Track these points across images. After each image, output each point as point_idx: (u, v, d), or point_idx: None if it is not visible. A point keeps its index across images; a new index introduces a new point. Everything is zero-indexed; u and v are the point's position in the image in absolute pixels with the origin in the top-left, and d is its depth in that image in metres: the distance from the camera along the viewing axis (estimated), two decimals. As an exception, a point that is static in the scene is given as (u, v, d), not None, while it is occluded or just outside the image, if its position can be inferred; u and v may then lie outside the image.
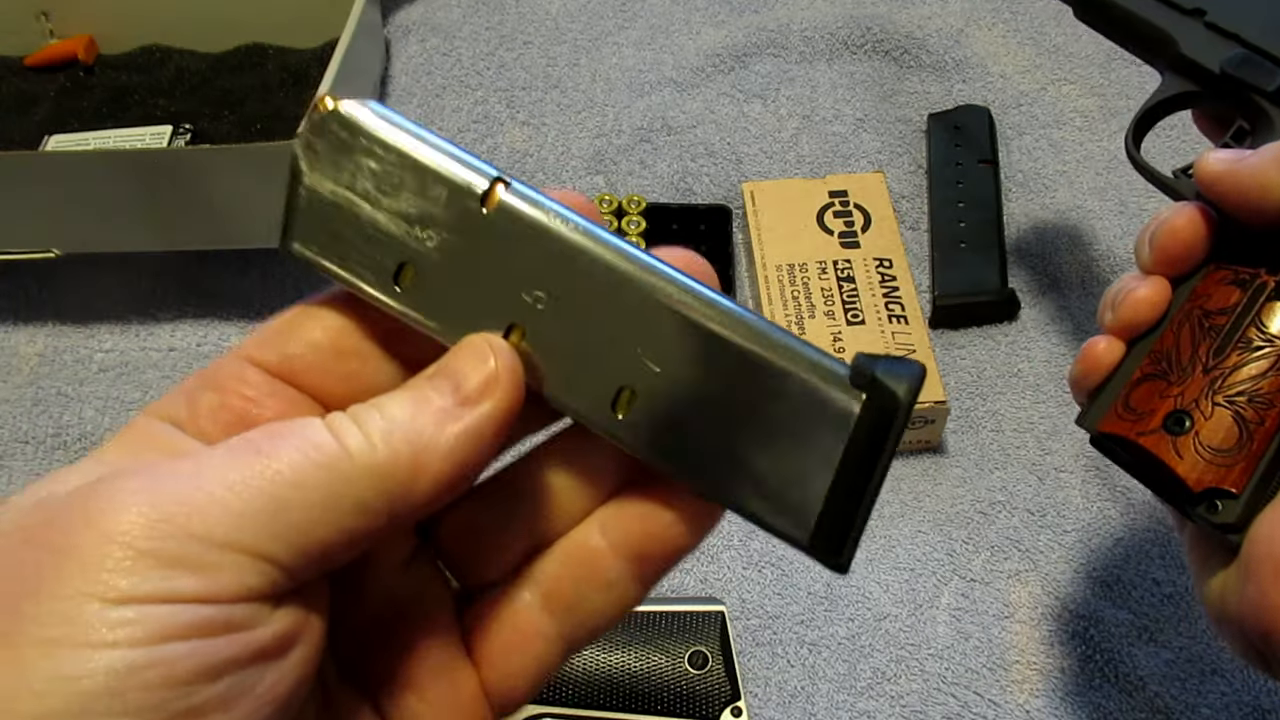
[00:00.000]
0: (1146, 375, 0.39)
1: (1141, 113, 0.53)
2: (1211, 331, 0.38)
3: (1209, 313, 0.38)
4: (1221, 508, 0.36)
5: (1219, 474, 0.36)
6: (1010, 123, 0.74)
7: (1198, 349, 0.38)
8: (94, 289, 0.67)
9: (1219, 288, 0.38)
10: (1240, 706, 0.51)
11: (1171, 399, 0.37)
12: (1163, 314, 0.39)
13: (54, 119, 0.76)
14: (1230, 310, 0.38)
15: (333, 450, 0.23)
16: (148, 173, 0.59)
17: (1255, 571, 0.34)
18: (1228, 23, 0.49)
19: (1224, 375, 0.37)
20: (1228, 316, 0.38)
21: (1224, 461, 0.36)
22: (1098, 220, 0.69)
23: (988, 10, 0.81)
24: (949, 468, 0.60)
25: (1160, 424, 0.37)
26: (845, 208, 0.67)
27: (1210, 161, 0.38)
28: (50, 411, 0.62)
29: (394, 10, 0.82)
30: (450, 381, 0.25)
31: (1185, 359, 0.38)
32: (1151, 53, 0.53)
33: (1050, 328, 0.65)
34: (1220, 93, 0.49)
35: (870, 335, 0.60)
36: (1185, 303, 0.39)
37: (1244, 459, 0.36)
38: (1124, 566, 0.55)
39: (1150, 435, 0.37)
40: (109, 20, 0.79)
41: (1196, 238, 0.39)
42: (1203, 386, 0.37)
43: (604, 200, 0.67)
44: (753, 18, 0.81)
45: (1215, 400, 0.37)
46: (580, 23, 0.82)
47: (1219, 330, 0.38)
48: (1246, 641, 0.35)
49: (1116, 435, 0.38)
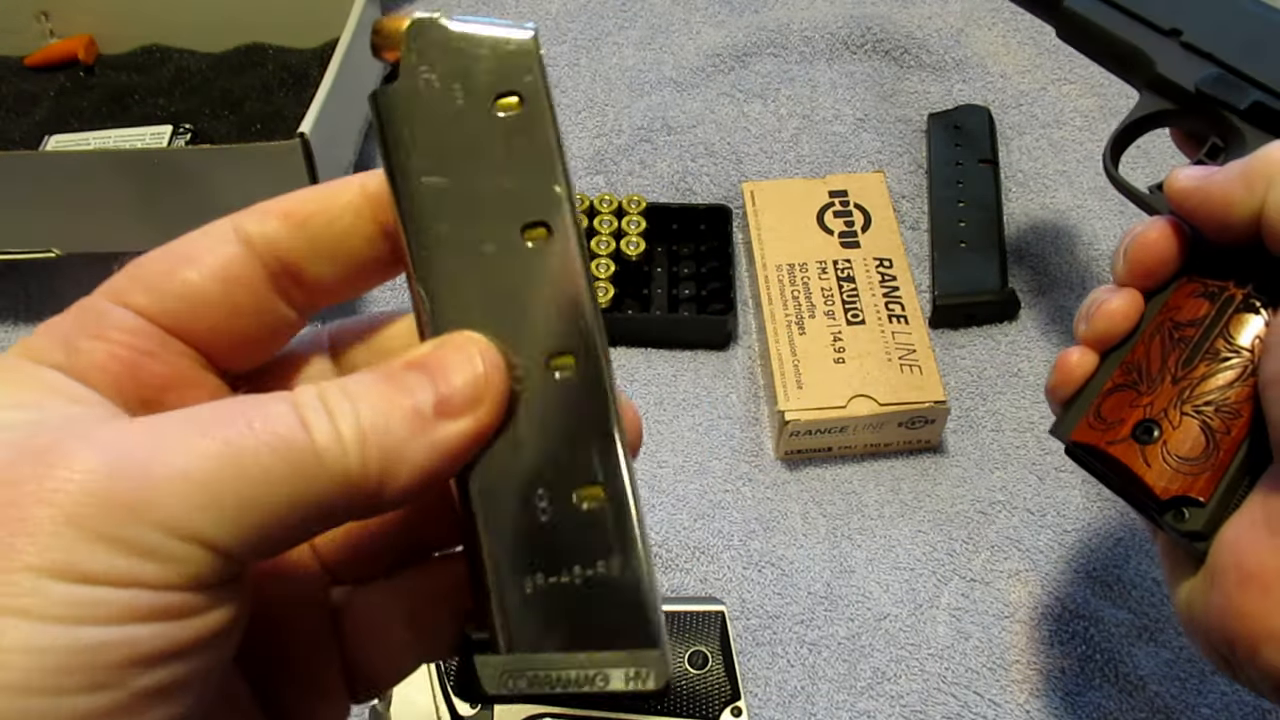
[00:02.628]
0: (1118, 385, 0.39)
1: (1119, 131, 0.54)
2: (1181, 343, 0.39)
3: (1179, 324, 0.39)
4: (1189, 515, 0.36)
5: (1186, 482, 0.36)
6: (1010, 123, 0.74)
7: (1167, 360, 0.39)
8: (94, 289, 0.67)
9: (1189, 300, 0.39)
10: (1240, 706, 0.51)
11: (1141, 409, 0.38)
12: (1135, 325, 0.40)
13: (54, 119, 0.76)
14: (1199, 322, 0.38)
15: (302, 446, 0.22)
16: (148, 173, 0.59)
17: (1220, 579, 0.35)
18: (1203, 43, 0.51)
19: (1192, 385, 0.38)
20: (1197, 328, 0.38)
21: (1191, 470, 0.37)
22: (1098, 220, 0.69)
23: (988, 10, 0.81)
24: (949, 468, 0.60)
25: (1129, 433, 0.38)
26: (845, 208, 0.67)
27: (1180, 178, 0.39)
28: (50, 411, 0.62)
29: (394, 10, 0.82)
30: (432, 379, 0.24)
31: (1155, 370, 0.39)
32: (1130, 72, 0.54)
33: (1050, 328, 0.65)
34: (1195, 111, 0.51)
35: (870, 335, 0.60)
36: (1156, 315, 0.40)
37: (1210, 468, 0.36)
38: (1124, 566, 0.55)
39: (1119, 444, 0.38)
40: (109, 20, 0.79)
41: (1168, 251, 0.40)
42: (1171, 397, 0.38)
43: (604, 200, 0.67)
44: (753, 18, 0.81)
45: (1184, 410, 0.37)
46: (580, 23, 0.82)
47: (1188, 341, 0.38)
48: (1212, 647, 0.36)
49: (1087, 444, 0.39)
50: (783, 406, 0.58)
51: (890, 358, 0.59)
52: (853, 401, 0.58)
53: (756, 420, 0.62)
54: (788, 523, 0.58)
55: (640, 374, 0.63)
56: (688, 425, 0.61)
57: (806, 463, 0.60)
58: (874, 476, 0.59)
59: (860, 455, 0.60)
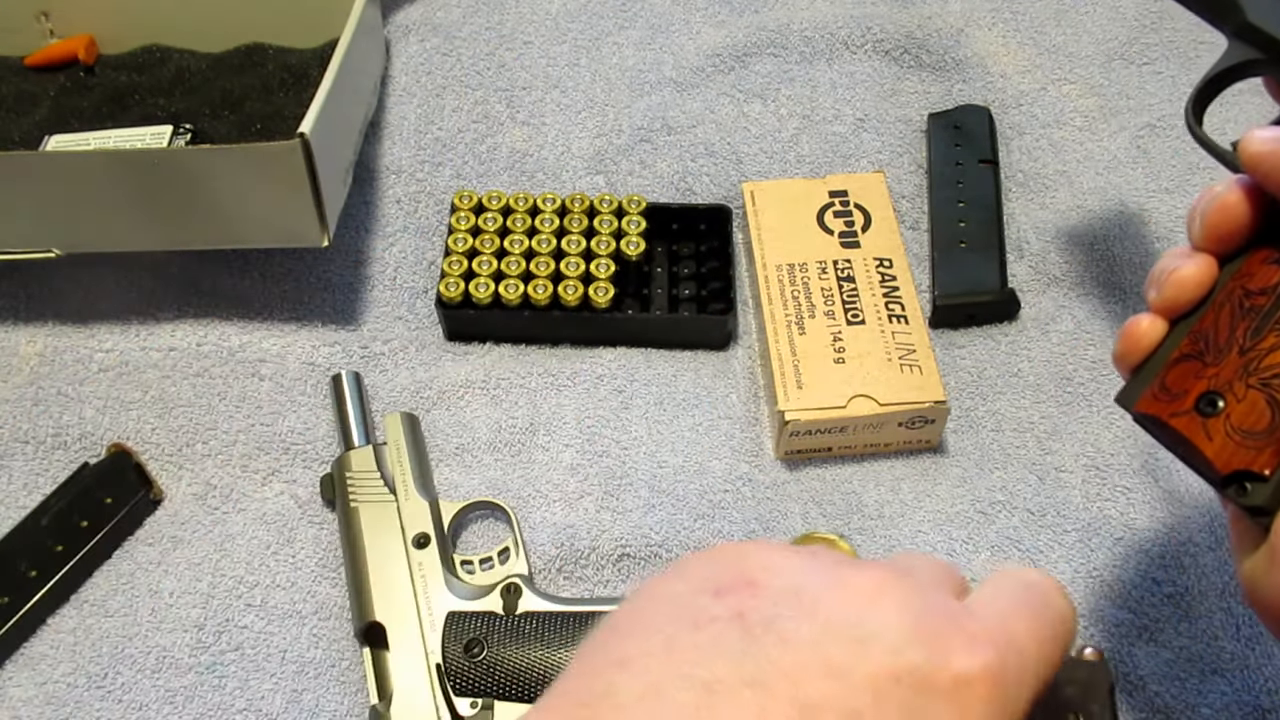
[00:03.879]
0: (1185, 355, 0.38)
1: (1203, 82, 0.51)
2: (1251, 312, 0.37)
3: (1250, 292, 0.37)
4: (1251, 490, 0.35)
5: (1248, 456, 0.36)
6: (1010, 123, 0.74)
7: (1236, 330, 0.37)
8: (94, 289, 0.68)
9: (1262, 267, 0.38)
10: (1240, 706, 0.51)
11: (1206, 380, 0.37)
12: (1207, 293, 0.38)
13: (54, 119, 0.76)
14: (1271, 290, 0.37)
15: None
16: (148, 173, 0.59)
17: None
18: None
19: (1260, 357, 0.36)
20: (1268, 297, 0.37)
21: (1254, 444, 0.36)
22: (1098, 220, 0.69)
23: (988, 10, 0.81)
24: (949, 468, 0.60)
25: (1192, 405, 0.37)
26: (845, 208, 0.67)
27: (1254, 141, 0.37)
28: (50, 411, 0.62)
29: (394, 10, 0.82)
30: None
31: (1223, 340, 0.37)
32: (1218, 17, 0.51)
33: (1050, 328, 0.65)
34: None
35: (870, 335, 0.60)
36: (1229, 281, 0.38)
37: (1275, 442, 0.35)
38: (1124, 566, 0.55)
39: (1182, 416, 0.37)
40: (109, 20, 0.79)
41: (1245, 215, 0.38)
42: (1238, 368, 0.37)
43: (604, 200, 0.67)
44: (753, 18, 0.81)
45: (1249, 383, 0.36)
46: (580, 23, 0.82)
47: (1258, 311, 0.37)
48: (1274, 621, 0.35)
49: (1151, 415, 0.38)
50: (783, 406, 0.58)
51: (890, 358, 0.59)
52: (853, 401, 0.58)
53: (756, 420, 0.62)
54: (788, 523, 0.58)
55: (640, 374, 0.63)
56: (688, 425, 0.61)
57: (806, 463, 0.60)
58: (874, 476, 0.59)
59: (860, 455, 0.60)
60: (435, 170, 0.73)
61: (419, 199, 0.72)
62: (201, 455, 0.61)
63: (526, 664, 0.50)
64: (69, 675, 0.54)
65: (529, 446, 0.61)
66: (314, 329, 0.66)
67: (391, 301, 0.67)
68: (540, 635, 0.51)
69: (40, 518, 0.57)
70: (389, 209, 0.72)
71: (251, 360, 0.64)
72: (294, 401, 0.63)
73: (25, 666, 0.54)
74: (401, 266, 0.69)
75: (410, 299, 0.67)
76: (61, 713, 0.52)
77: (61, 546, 0.56)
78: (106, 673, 0.54)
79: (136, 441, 0.61)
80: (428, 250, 0.70)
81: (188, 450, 0.61)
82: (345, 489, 0.57)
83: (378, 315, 0.67)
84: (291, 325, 0.66)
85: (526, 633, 0.51)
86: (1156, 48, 0.78)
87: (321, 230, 0.61)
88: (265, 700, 0.53)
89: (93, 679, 0.53)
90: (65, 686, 0.53)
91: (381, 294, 0.68)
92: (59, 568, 0.56)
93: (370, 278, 0.68)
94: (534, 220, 0.67)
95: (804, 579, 0.29)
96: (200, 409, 0.63)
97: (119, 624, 0.55)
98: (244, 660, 0.54)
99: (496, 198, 0.68)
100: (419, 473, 0.58)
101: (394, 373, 0.64)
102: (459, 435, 0.61)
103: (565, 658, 0.50)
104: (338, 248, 0.69)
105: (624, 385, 0.63)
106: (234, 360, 0.64)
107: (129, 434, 0.62)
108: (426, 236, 0.70)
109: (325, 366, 0.64)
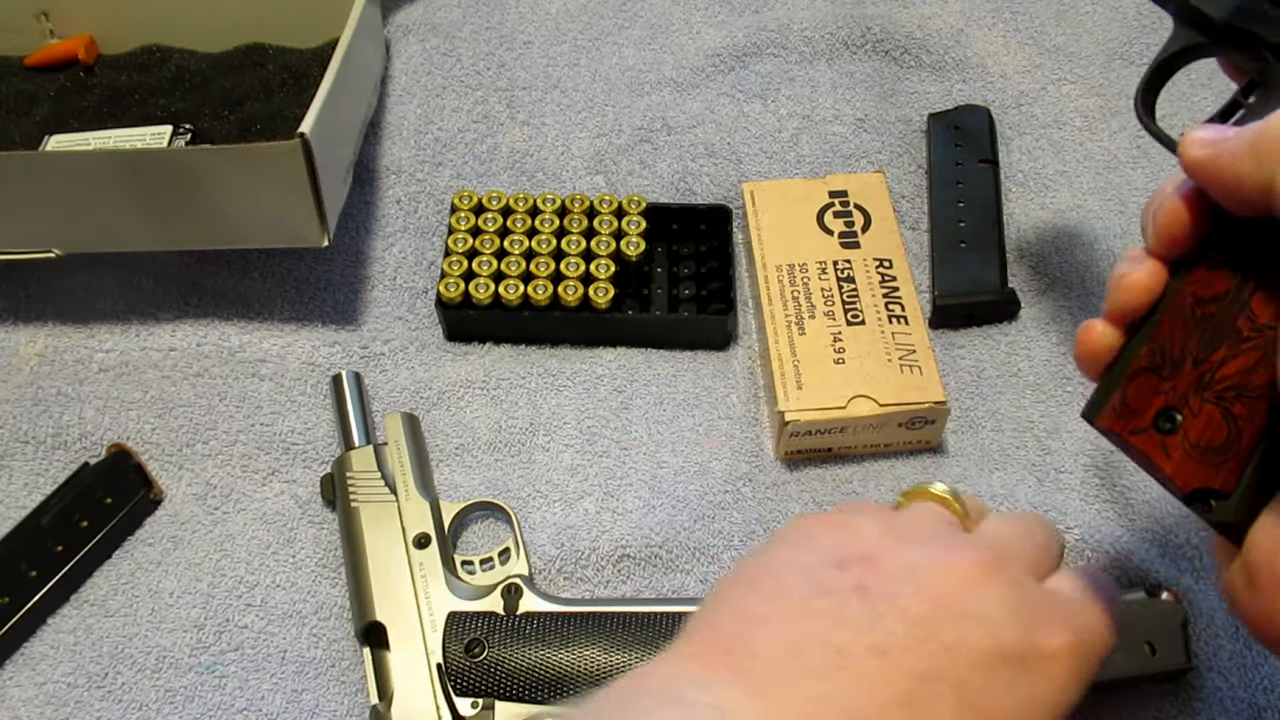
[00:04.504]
0: (1143, 369, 0.37)
1: (1151, 69, 0.50)
2: (1203, 321, 0.36)
3: (1201, 299, 0.36)
4: (1215, 507, 0.35)
5: (1207, 474, 0.35)
6: (1010, 123, 0.75)
7: (1189, 340, 0.36)
8: (94, 289, 0.68)
9: (1212, 273, 0.36)
10: (1238, 705, 0.51)
11: (1163, 395, 0.36)
12: (1156, 299, 0.37)
13: (54, 119, 0.76)
14: (1222, 297, 0.36)
15: None
16: (148, 173, 0.59)
17: (1256, 578, 0.34)
18: None
19: (1213, 369, 0.35)
20: (1218, 304, 0.36)
21: (1212, 461, 0.35)
22: (1098, 220, 0.69)
23: (988, 10, 0.81)
24: (949, 468, 0.60)
25: (1150, 423, 0.36)
26: (845, 208, 0.67)
27: (1192, 145, 0.36)
28: (50, 411, 0.62)
29: (394, 10, 0.82)
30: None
31: (1177, 352, 0.36)
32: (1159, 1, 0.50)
33: (1050, 328, 0.65)
34: (1226, 44, 0.47)
35: (870, 335, 0.60)
36: (1183, 288, 0.37)
37: (1234, 459, 0.34)
38: (1124, 566, 0.55)
39: (1141, 434, 0.36)
40: (109, 20, 0.79)
41: (1193, 218, 0.37)
42: (1192, 381, 0.36)
43: (604, 200, 0.67)
44: (753, 18, 0.81)
45: (1204, 396, 0.35)
46: (580, 23, 0.82)
47: (1210, 320, 0.36)
48: (1257, 634, 0.35)
49: (1113, 432, 0.38)
50: (783, 407, 0.58)
51: (890, 358, 0.59)
52: (853, 402, 0.58)
53: (756, 420, 0.62)
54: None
55: (640, 374, 0.63)
56: (688, 425, 0.61)
57: (806, 463, 0.60)
58: (874, 477, 0.59)
59: (860, 456, 0.60)
60: (435, 170, 0.73)
61: (419, 199, 0.72)
62: (201, 455, 0.61)
63: (527, 664, 0.50)
64: (69, 675, 0.54)
65: (529, 447, 0.61)
66: (314, 329, 0.66)
67: (391, 301, 0.67)
68: (541, 635, 0.51)
69: (40, 518, 0.57)
70: (389, 209, 0.72)
71: (251, 360, 0.64)
72: (294, 401, 0.63)
73: (25, 666, 0.54)
74: (401, 266, 0.69)
75: (410, 299, 0.67)
76: (61, 713, 0.53)
77: (61, 546, 0.56)
78: (106, 673, 0.54)
79: (136, 441, 0.61)
80: (428, 250, 0.70)
81: (188, 450, 0.61)
82: (345, 489, 0.57)
83: (378, 315, 0.67)
84: (291, 325, 0.66)
85: (527, 633, 0.51)
86: (1156, 48, 0.78)
87: (321, 230, 0.61)
88: (265, 700, 0.53)
89: (93, 679, 0.53)
90: (65, 686, 0.53)
91: (381, 294, 0.68)
92: (59, 568, 0.56)
93: (370, 278, 0.68)
94: (534, 220, 0.67)
95: (917, 557, 0.34)
96: (200, 409, 0.63)
97: (119, 624, 0.55)
98: (244, 660, 0.54)
99: (496, 198, 0.68)
100: (419, 473, 0.58)
101: (394, 373, 0.64)
102: (459, 435, 0.61)
103: (566, 658, 0.51)
104: (338, 248, 0.69)
105: (624, 385, 0.63)
106: (234, 360, 0.64)
107: (129, 434, 0.62)
108: (426, 237, 0.70)
109: (325, 366, 0.64)
